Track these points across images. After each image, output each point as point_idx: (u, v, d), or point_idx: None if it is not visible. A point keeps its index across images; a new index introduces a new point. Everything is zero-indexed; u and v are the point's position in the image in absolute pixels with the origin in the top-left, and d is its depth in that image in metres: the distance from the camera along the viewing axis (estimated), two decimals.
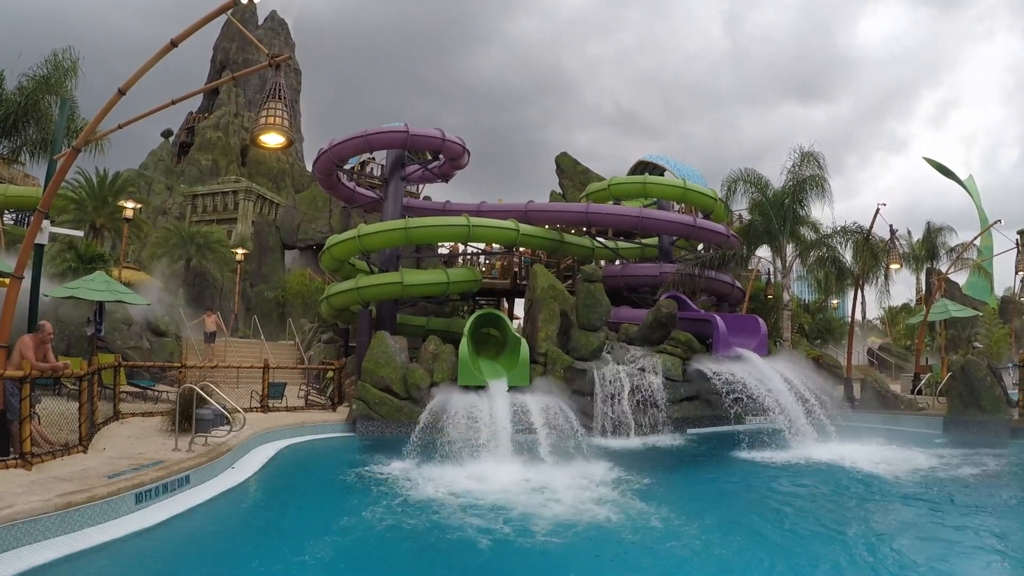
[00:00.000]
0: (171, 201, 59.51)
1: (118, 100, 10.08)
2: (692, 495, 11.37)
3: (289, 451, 13.77)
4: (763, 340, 20.18)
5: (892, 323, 52.93)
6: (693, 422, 18.53)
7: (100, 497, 7.72)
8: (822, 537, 8.47)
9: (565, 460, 12.85)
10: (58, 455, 9.75)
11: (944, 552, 7.79)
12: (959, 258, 29.39)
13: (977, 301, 40.88)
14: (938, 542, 8.23)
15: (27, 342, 10.16)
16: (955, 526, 9.03)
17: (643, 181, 26.88)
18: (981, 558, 7.72)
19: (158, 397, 18.43)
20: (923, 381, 24.60)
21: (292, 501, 10.24)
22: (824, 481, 12.15)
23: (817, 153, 23.94)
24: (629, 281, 26.06)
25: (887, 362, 41.95)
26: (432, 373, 17.25)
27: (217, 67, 73.37)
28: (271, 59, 10.18)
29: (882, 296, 25.67)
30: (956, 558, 7.61)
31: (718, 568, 7.35)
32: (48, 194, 11.08)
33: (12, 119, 18.87)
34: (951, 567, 7.27)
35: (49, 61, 18.99)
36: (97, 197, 32.34)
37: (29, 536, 6.76)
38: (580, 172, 44.38)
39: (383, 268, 23.30)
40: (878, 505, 10.34)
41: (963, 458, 14.14)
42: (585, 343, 18.47)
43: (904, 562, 7.35)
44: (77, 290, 18.64)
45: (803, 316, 35.31)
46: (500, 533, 8.24)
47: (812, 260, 24.96)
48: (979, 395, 17.15)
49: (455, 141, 23.60)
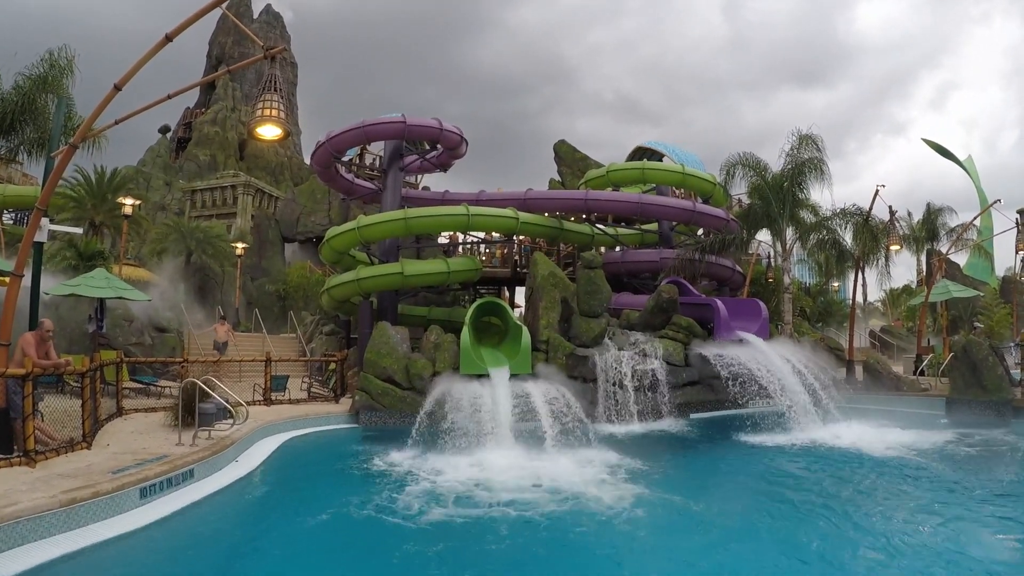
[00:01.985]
0: (170, 197, 59.49)
1: (114, 96, 10.06)
2: (695, 479, 11.42)
3: (293, 443, 13.81)
4: (764, 324, 20.18)
5: (893, 305, 52.91)
6: (696, 407, 18.56)
7: (105, 493, 7.74)
8: (826, 517, 8.49)
9: (568, 447, 12.88)
10: (62, 452, 9.77)
11: (956, 533, 7.80)
12: (959, 239, 29.27)
13: (978, 281, 40.76)
14: (951, 522, 8.23)
15: (28, 339, 10.16)
16: (965, 507, 9.06)
17: (642, 167, 26.82)
18: (992, 539, 7.74)
19: (161, 392, 18.42)
20: (925, 362, 24.56)
21: (297, 493, 10.27)
22: (828, 463, 12.18)
23: (816, 136, 23.83)
24: (629, 267, 26.06)
25: (889, 344, 41.92)
26: (434, 363, 17.26)
27: (213, 62, 73.08)
28: (266, 51, 10.15)
29: (883, 278, 25.63)
30: (969, 539, 7.61)
31: (720, 550, 7.38)
32: (46, 191, 11.06)
33: (9, 119, 18.83)
34: (965, 549, 7.26)
35: (45, 60, 18.93)
36: (96, 194, 32.32)
37: (34, 533, 6.79)
38: (579, 159, 44.26)
39: (383, 259, 23.30)
40: (880, 485, 10.36)
41: (967, 438, 14.21)
42: (586, 330, 18.47)
43: (912, 543, 7.37)
44: (77, 287, 18.65)
45: (804, 299, 35.35)
46: (504, 519, 8.28)
47: (812, 243, 24.93)
48: (981, 375, 17.13)
49: (453, 131, 23.54)
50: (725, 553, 7.33)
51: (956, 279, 35.80)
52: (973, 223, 32.70)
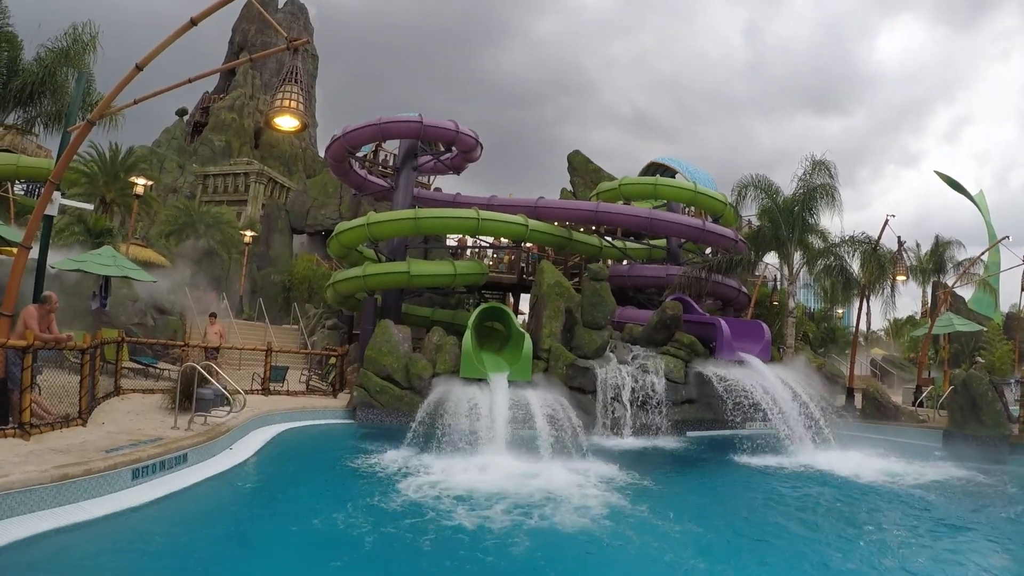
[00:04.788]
0: (182, 180, 59.69)
1: (135, 75, 10.10)
2: (687, 497, 11.35)
3: (288, 435, 13.80)
4: (766, 346, 20.14)
5: (896, 335, 52.77)
6: (693, 424, 18.52)
7: (97, 471, 7.73)
8: (812, 542, 8.45)
9: (563, 456, 12.83)
10: (57, 427, 9.78)
11: (942, 565, 7.76)
12: (966, 272, 29.22)
13: (982, 316, 40.60)
14: (941, 554, 8.18)
15: (31, 312, 10.18)
16: (954, 539, 9.01)
17: (654, 182, 26.82)
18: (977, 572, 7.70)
19: (159, 375, 18.47)
20: (924, 393, 24.49)
21: (288, 484, 10.26)
22: (821, 489, 12.11)
23: (828, 162, 23.88)
24: (636, 281, 26.04)
25: (889, 373, 41.85)
26: (434, 364, 17.25)
27: (235, 48, 73.46)
28: (289, 42, 10.16)
29: (887, 307, 25.57)
30: (954, 571, 7.58)
31: (705, 570, 7.34)
32: (60, 165, 11.11)
33: (29, 90, 18.91)
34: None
35: (69, 34, 19.01)
36: (109, 172, 32.44)
37: (23, 506, 6.78)
38: (592, 171, 44.29)
39: (390, 257, 23.33)
40: (871, 514, 10.29)
41: (961, 471, 14.13)
42: (589, 341, 18.45)
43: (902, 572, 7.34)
44: (84, 263, 18.69)
45: (808, 324, 35.26)
46: (492, 524, 8.24)
47: (819, 268, 24.92)
48: (980, 409, 17.07)
49: (468, 134, 23.58)
50: (710, 572, 7.29)
51: (961, 313, 35.67)
52: (981, 258, 32.66)
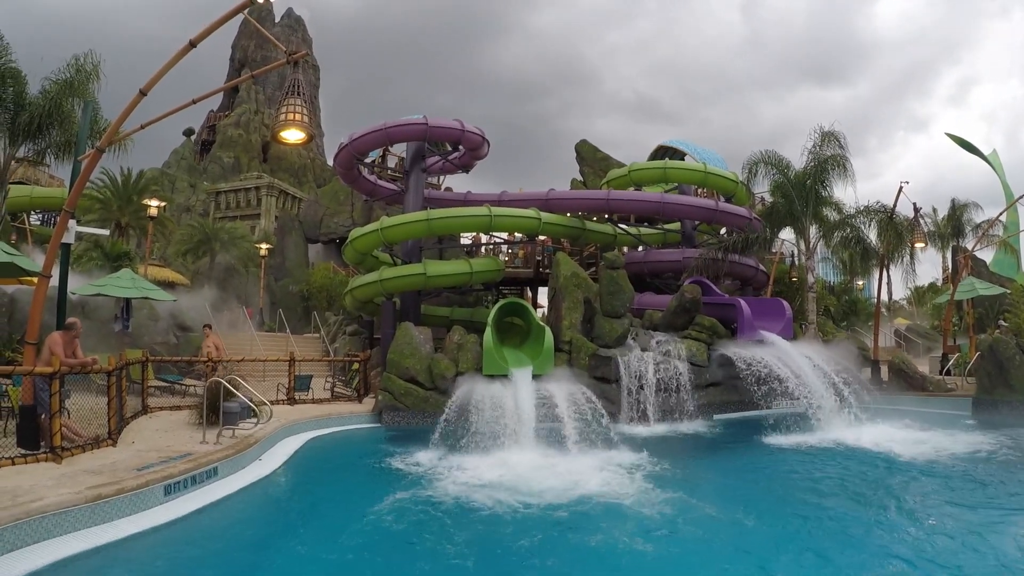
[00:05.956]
0: (194, 198, 60.13)
1: (140, 101, 10.21)
2: (718, 480, 11.33)
3: (316, 442, 13.88)
4: (788, 323, 20.03)
5: (919, 303, 52.26)
6: (719, 407, 18.44)
7: (129, 489, 7.82)
8: (852, 520, 8.41)
9: (591, 447, 12.85)
10: (88, 449, 9.90)
11: (981, 539, 7.68)
12: (984, 235, 28.85)
13: (1005, 278, 40.10)
14: (977, 527, 8.10)
15: (56, 339, 10.31)
16: (991, 509, 8.94)
17: (663, 166, 26.75)
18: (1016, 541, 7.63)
19: (186, 391, 18.59)
20: (951, 361, 24.24)
21: (319, 492, 10.34)
22: (853, 464, 12.04)
23: (838, 132, 23.63)
24: (652, 267, 25.96)
25: (914, 343, 41.45)
26: (457, 363, 17.26)
27: (236, 65, 73.85)
28: (289, 56, 10.22)
29: (908, 276, 25.26)
30: (994, 543, 7.51)
31: (744, 554, 7.32)
32: (73, 194, 11.23)
33: (37, 122, 19.06)
34: (993, 553, 7.19)
35: (71, 65, 19.14)
36: (121, 196, 32.77)
37: (59, 528, 6.88)
38: (600, 159, 44.11)
39: (406, 260, 23.37)
40: (908, 488, 10.23)
41: (993, 439, 13.98)
42: (609, 330, 18.41)
43: (947, 548, 7.28)
44: (104, 287, 18.89)
45: (828, 298, 34.95)
46: (525, 520, 8.27)
47: (836, 241, 24.65)
48: (1008, 374, 16.89)
49: (475, 132, 23.57)
50: (754, 556, 7.26)
51: (982, 276, 35.18)
52: (999, 219, 32.24)
